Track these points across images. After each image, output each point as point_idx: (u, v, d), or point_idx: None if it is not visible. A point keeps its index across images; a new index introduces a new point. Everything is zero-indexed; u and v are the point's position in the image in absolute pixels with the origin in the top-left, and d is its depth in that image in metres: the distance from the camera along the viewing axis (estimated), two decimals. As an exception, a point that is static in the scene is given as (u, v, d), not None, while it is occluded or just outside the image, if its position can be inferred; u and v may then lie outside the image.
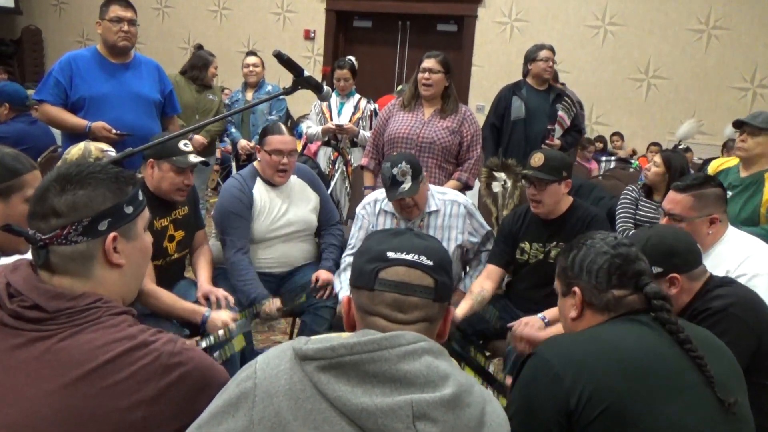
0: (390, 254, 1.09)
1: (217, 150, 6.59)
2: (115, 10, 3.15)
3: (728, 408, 1.28)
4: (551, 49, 4.26)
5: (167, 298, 2.43)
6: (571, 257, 1.49)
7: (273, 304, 2.64)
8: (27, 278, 1.10)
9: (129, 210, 1.16)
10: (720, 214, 2.24)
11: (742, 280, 2.00)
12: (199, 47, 5.30)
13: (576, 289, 1.46)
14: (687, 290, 1.80)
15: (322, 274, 2.83)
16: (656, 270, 1.76)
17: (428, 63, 3.33)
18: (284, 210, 2.87)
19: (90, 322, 1.07)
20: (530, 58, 4.27)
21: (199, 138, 4.68)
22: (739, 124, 3.02)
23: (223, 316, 2.40)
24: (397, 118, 3.41)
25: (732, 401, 1.28)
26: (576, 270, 1.46)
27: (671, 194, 2.30)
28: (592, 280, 1.43)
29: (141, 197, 1.21)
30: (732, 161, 3.22)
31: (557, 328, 2.27)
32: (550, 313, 2.40)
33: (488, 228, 2.92)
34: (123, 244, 1.16)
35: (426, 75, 3.33)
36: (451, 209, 2.80)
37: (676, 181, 2.37)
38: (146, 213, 1.24)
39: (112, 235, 1.14)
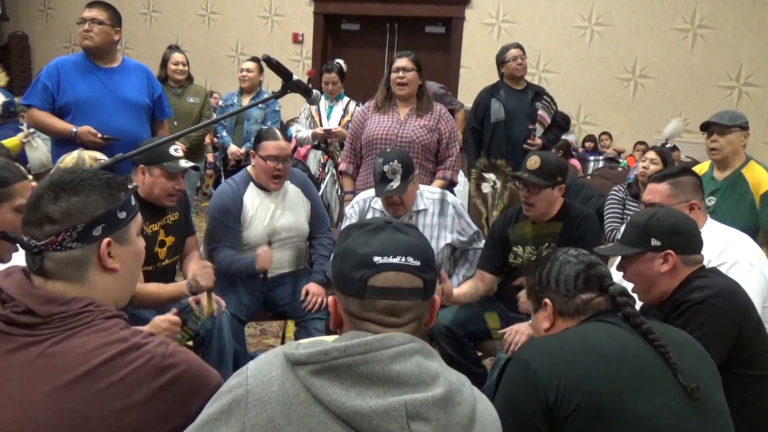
0: (377, 259, 1.06)
1: (208, 155, 6.53)
2: (83, 12, 3.15)
3: (691, 393, 1.32)
4: (518, 47, 4.27)
5: (153, 287, 2.44)
6: (538, 274, 1.56)
7: (260, 250, 2.71)
8: (19, 283, 1.11)
9: (122, 215, 1.18)
10: (698, 201, 2.28)
11: (722, 269, 2.02)
12: (168, 47, 5.03)
13: (546, 300, 1.53)
14: (677, 272, 1.82)
15: (312, 288, 2.83)
16: (655, 242, 1.81)
17: (401, 62, 3.34)
18: (278, 216, 2.87)
19: (82, 325, 1.08)
20: (500, 61, 4.30)
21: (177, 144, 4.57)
22: (706, 126, 3.02)
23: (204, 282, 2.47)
24: (373, 120, 3.40)
25: (694, 386, 1.32)
26: (544, 283, 1.54)
27: (650, 186, 2.36)
28: (561, 288, 1.50)
29: (133, 202, 1.23)
30: (702, 167, 3.21)
31: None
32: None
33: (476, 228, 2.93)
34: (117, 249, 1.17)
35: (400, 74, 3.33)
36: (440, 208, 2.81)
37: None
38: (139, 218, 1.25)
39: (106, 240, 1.15)
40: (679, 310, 1.77)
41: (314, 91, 1.85)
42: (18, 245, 1.14)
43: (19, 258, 1.56)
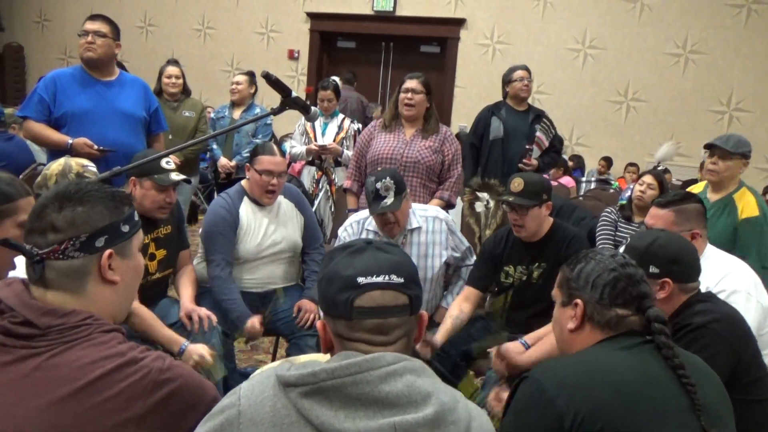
0: (361, 280, 1.07)
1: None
2: (84, 25, 3.17)
3: None
4: (526, 69, 4.32)
5: (150, 319, 2.40)
6: (578, 269, 1.49)
7: (254, 321, 2.65)
8: (19, 294, 1.11)
9: (125, 228, 1.19)
10: (700, 230, 2.28)
11: (721, 297, 2.03)
12: (167, 61, 5.04)
13: (578, 301, 1.46)
14: (672, 300, 1.83)
15: (305, 304, 2.82)
16: (653, 270, 1.79)
17: (410, 84, 3.36)
18: (271, 231, 2.86)
19: (81, 338, 1.07)
20: (506, 80, 4.33)
21: (171, 157, 4.56)
22: (710, 147, 3.03)
23: (199, 350, 2.35)
24: (379, 139, 3.42)
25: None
26: (581, 282, 1.46)
27: (653, 210, 2.34)
28: (596, 294, 1.43)
29: (136, 217, 1.23)
30: (697, 188, 3.23)
31: (537, 350, 2.28)
32: (531, 337, 2.42)
33: (467, 244, 2.94)
34: (117, 262, 1.18)
35: (408, 95, 3.35)
36: (433, 225, 2.82)
37: None
38: (140, 233, 1.25)
39: (108, 251, 1.15)
40: (679, 333, 1.77)
41: (313, 108, 1.85)
42: (21, 254, 1.14)
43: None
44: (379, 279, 1.08)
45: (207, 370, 2.30)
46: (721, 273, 2.19)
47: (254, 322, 2.65)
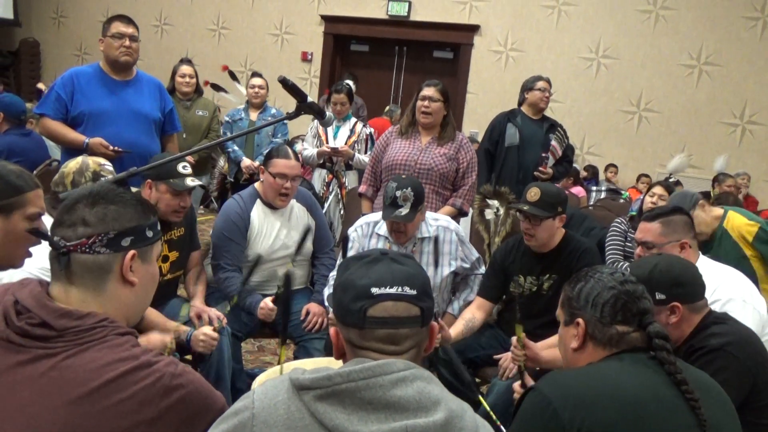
0: (374, 290, 1.10)
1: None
2: (117, 26, 3.19)
3: None
4: (548, 81, 4.34)
5: (154, 316, 2.43)
6: (578, 288, 1.49)
7: (266, 306, 2.68)
8: (36, 296, 1.12)
9: (150, 234, 1.22)
10: (690, 240, 2.28)
11: (716, 306, 2.03)
12: (180, 60, 5.11)
13: (580, 320, 1.47)
14: (687, 321, 1.81)
15: (314, 308, 2.83)
16: (659, 296, 1.77)
17: (428, 91, 3.36)
18: (283, 234, 2.88)
19: (96, 340, 1.09)
20: (528, 87, 4.33)
21: (187, 158, 4.61)
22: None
23: (204, 330, 2.43)
24: (395, 146, 3.43)
25: None
26: (582, 301, 1.47)
27: (642, 225, 2.36)
28: (597, 313, 1.44)
29: (159, 227, 1.27)
30: None
31: (555, 352, 2.28)
32: (540, 345, 2.42)
33: (477, 255, 2.94)
34: (138, 264, 1.20)
35: (426, 103, 3.35)
36: (444, 236, 2.82)
37: None
38: (160, 243, 1.29)
39: (131, 252, 1.18)
40: (694, 355, 1.76)
41: (327, 113, 1.86)
42: (43, 246, 1.17)
43: (29, 264, 1.57)
44: (393, 290, 1.10)
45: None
46: (715, 283, 2.18)
47: (267, 302, 2.68)
